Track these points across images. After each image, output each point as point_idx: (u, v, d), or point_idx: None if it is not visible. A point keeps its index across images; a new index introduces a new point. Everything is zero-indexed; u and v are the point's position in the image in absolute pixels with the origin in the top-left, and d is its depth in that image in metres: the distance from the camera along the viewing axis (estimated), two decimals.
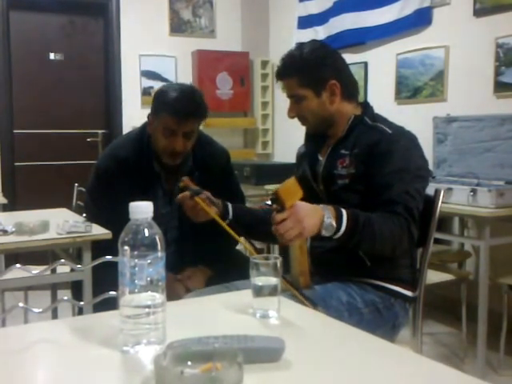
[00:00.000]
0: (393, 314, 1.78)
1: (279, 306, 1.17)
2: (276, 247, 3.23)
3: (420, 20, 3.91)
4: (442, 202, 1.82)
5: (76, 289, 2.17)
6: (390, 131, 1.76)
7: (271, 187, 4.03)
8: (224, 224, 1.72)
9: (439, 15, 3.82)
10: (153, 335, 0.98)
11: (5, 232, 2.07)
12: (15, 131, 4.89)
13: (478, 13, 3.51)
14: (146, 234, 0.98)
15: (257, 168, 4.52)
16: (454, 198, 2.85)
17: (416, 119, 3.67)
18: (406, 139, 1.77)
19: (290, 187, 1.58)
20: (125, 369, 0.95)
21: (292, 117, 1.88)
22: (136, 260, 0.96)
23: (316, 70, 1.80)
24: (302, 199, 1.55)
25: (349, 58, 4.31)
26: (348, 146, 1.80)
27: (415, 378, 0.90)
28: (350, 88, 1.87)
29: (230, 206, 1.91)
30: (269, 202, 1.67)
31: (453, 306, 3.38)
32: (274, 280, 1.17)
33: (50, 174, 5.01)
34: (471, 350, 2.96)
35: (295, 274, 1.64)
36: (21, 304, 1.40)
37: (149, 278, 0.97)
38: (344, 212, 1.58)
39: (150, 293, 0.98)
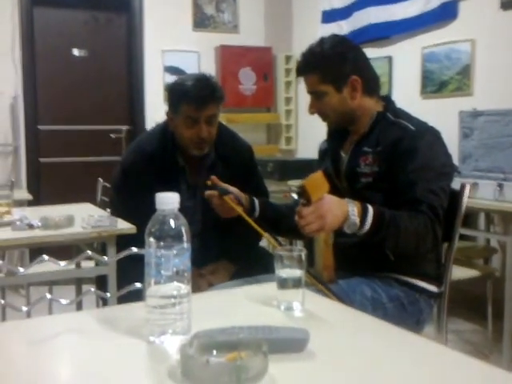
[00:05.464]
0: (417, 309, 1.76)
1: (303, 299, 1.17)
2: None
3: (445, 13, 3.86)
4: (468, 197, 1.80)
5: (100, 284, 2.19)
6: (412, 128, 1.74)
7: (295, 183, 4.02)
8: (251, 221, 1.72)
9: (465, 8, 3.76)
10: (178, 325, 0.98)
11: (31, 226, 2.10)
12: (40, 127, 4.94)
13: (505, 5, 3.45)
14: (173, 225, 0.98)
15: (280, 164, 4.51)
16: (480, 193, 2.82)
17: (442, 114, 3.62)
18: (429, 135, 1.74)
19: (317, 181, 1.57)
20: (151, 358, 0.96)
21: (313, 113, 1.86)
22: (162, 251, 0.97)
23: (337, 65, 1.78)
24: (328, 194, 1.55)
25: (373, 52, 4.30)
26: (371, 144, 1.79)
27: (441, 369, 0.89)
28: (372, 83, 1.85)
29: (256, 201, 1.92)
30: (295, 196, 1.66)
31: (478, 303, 3.34)
32: (298, 272, 1.17)
33: (74, 169, 5.06)
34: (496, 348, 2.92)
35: (319, 268, 1.63)
36: (48, 295, 1.43)
37: (175, 269, 0.98)
38: (370, 210, 1.56)
39: (175, 283, 0.98)
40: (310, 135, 5.07)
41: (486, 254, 3.43)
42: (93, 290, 1.56)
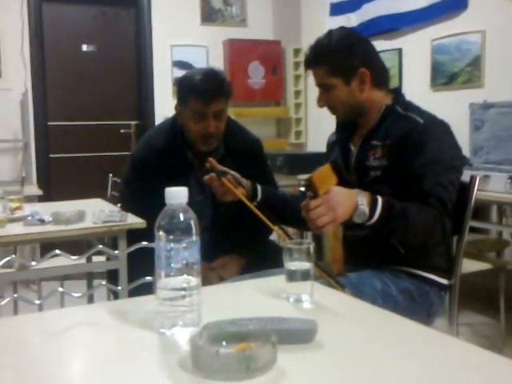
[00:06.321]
0: (428, 301, 1.76)
1: (312, 291, 1.18)
2: (309, 233, 3.23)
3: (455, 4, 3.83)
4: (480, 190, 1.79)
5: (111, 278, 2.20)
6: (421, 121, 1.73)
7: (304, 177, 4.01)
8: (250, 204, 1.72)
9: None
10: (188, 317, 0.99)
11: (42, 221, 2.11)
12: (49, 123, 4.97)
13: None
14: (181, 218, 0.99)
15: (290, 158, 4.51)
16: (492, 185, 2.80)
17: (452, 106, 3.60)
18: (438, 129, 1.74)
19: (324, 174, 1.57)
20: (162, 350, 0.97)
21: (321, 106, 1.86)
22: (172, 244, 0.98)
23: (345, 58, 1.78)
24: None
25: (383, 44, 4.28)
26: (380, 137, 1.78)
27: (452, 360, 0.89)
28: (380, 75, 1.84)
29: (259, 187, 1.93)
30: (302, 189, 1.66)
31: (491, 296, 3.32)
32: (306, 265, 1.18)
33: (83, 165, 5.09)
34: (509, 340, 2.91)
35: (328, 261, 1.63)
36: (60, 289, 1.44)
37: (184, 262, 0.99)
38: (379, 200, 1.56)
39: (185, 276, 0.99)
40: (319, 129, 5.06)
41: (498, 246, 3.42)
42: (104, 283, 1.57)
